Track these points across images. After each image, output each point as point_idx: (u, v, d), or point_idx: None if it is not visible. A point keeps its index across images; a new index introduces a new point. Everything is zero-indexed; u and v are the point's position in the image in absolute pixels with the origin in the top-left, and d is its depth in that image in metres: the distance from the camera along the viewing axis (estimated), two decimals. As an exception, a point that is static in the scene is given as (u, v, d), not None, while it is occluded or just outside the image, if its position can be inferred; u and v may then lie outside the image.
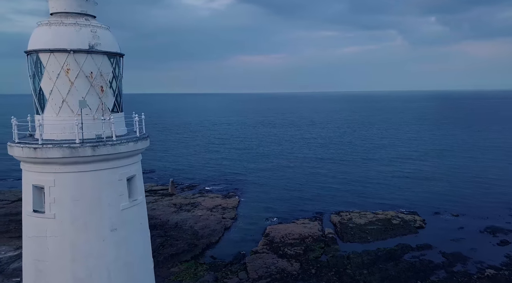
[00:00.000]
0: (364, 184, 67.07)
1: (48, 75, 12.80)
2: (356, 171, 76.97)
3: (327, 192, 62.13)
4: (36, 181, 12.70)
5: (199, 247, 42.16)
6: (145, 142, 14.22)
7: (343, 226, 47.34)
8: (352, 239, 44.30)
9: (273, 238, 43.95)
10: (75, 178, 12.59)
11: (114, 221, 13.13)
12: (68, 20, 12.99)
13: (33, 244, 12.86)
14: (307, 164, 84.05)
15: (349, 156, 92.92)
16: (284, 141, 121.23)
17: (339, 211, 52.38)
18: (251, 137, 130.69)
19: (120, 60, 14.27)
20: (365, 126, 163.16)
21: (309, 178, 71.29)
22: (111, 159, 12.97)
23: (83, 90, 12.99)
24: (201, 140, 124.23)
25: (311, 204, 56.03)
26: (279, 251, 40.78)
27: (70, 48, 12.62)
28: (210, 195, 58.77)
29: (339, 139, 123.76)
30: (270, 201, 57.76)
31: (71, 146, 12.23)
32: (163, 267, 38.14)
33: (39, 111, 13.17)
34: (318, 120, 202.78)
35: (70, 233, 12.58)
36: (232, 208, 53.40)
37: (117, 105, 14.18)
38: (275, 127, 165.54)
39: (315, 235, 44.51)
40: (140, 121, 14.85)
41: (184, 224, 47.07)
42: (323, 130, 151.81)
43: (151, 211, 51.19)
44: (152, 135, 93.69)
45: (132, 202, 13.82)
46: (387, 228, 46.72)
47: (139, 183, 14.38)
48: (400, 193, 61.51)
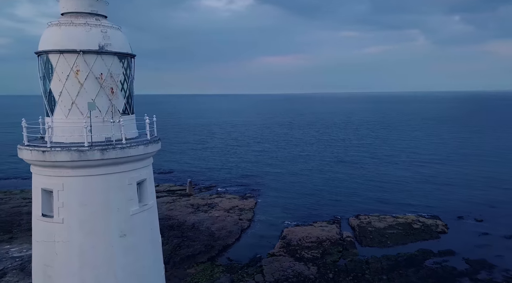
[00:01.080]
0: (384, 187, 65.38)
1: (58, 77, 12.48)
2: (376, 173, 75.18)
3: (345, 195, 60.77)
4: (45, 184, 12.40)
5: (216, 248, 41.76)
6: (156, 145, 13.75)
7: (362, 229, 46.12)
8: (371, 244, 43.04)
9: (290, 240, 43.15)
10: (84, 182, 12.22)
11: (123, 226, 12.70)
12: (78, 20, 12.64)
13: (42, 249, 12.56)
14: (325, 166, 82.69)
15: (369, 158, 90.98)
16: (302, 142, 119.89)
17: (357, 214, 51.10)
18: (269, 138, 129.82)
19: (131, 61, 13.86)
20: (385, 128, 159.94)
21: (327, 181, 70.00)
22: (121, 162, 12.54)
23: (92, 91, 12.62)
24: (218, 141, 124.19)
25: (329, 207, 54.85)
26: (296, 254, 39.96)
27: (80, 49, 12.26)
28: (227, 196, 58.38)
29: (358, 141, 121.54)
30: (287, 203, 56.88)
31: (80, 150, 11.86)
32: (179, 268, 37.91)
33: (49, 113, 12.88)
34: (337, 121, 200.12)
35: (78, 238, 12.22)
36: (249, 209, 52.82)
37: (128, 107, 13.76)
38: (293, 128, 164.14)
39: (333, 239, 43.47)
40: (151, 123, 14.37)
41: (201, 225, 46.78)
42: (342, 131, 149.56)
43: (169, 211, 51.20)
44: (171, 135, 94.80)
45: (142, 207, 13.38)
46: (407, 232, 45.24)
47: (150, 188, 13.92)
48: (421, 197, 59.62)
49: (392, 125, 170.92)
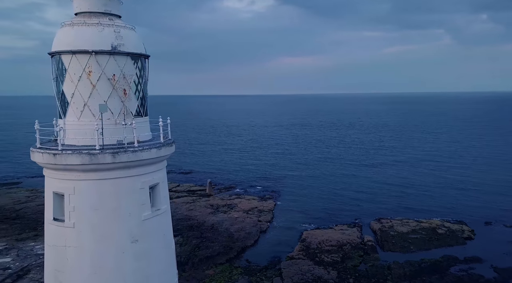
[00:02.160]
0: (407, 190, 63.37)
1: (70, 78, 12.14)
2: (398, 176, 73.04)
3: (366, 198, 59.16)
4: (57, 188, 12.07)
5: (234, 250, 41.28)
6: (169, 148, 13.24)
7: (384, 234, 44.68)
8: (394, 248, 41.61)
9: (309, 243, 42.22)
10: (95, 186, 11.82)
11: (135, 232, 12.24)
12: (91, 20, 12.27)
13: (53, 254, 12.24)
14: (345, 168, 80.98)
15: (390, 161, 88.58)
16: (322, 144, 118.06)
17: (379, 218, 49.57)
18: (288, 140, 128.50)
19: (145, 61, 13.41)
20: (408, 130, 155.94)
21: (348, 183, 68.41)
22: (133, 166, 12.09)
23: (105, 93, 12.21)
24: (238, 142, 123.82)
25: (350, 210, 53.49)
26: (316, 258, 39.02)
27: (92, 49, 11.88)
28: (246, 197, 57.79)
29: (379, 143, 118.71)
30: (307, 205, 55.81)
31: (91, 153, 11.46)
32: (198, 269, 37.61)
33: (61, 115, 12.56)
34: (358, 122, 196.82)
35: (89, 244, 11.83)
36: (268, 211, 52.08)
37: (141, 109, 13.31)
38: (312, 129, 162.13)
39: (353, 243, 42.27)
40: (165, 125, 13.87)
41: (220, 226, 46.38)
42: (363, 133, 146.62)
43: (189, 211, 51.06)
44: (191, 136, 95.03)
45: (155, 212, 12.89)
46: (431, 237, 43.53)
47: (163, 192, 13.42)
48: (445, 201, 57.39)
49: (415, 127, 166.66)
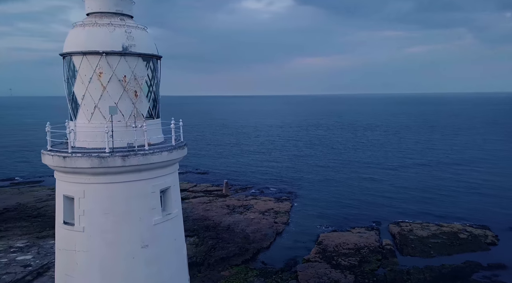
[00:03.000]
0: (426, 193, 61.60)
1: (81, 79, 11.89)
2: (418, 179, 71.15)
3: (385, 201, 57.74)
4: (67, 191, 11.84)
5: (250, 251, 40.84)
6: (181, 151, 12.84)
7: (403, 237, 43.45)
8: (413, 253, 40.37)
9: (326, 246, 41.42)
10: (105, 190, 11.53)
11: (145, 237, 11.90)
12: (102, 21, 11.98)
13: (64, 258, 12.02)
14: (363, 169, 79.39)
15: (410, 162, 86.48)
16: (339, 145, 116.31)
17: (398, 221, 48.29)
18: (305, 140, 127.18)
19: (157, 62, 13.06)
20: (428, 131, 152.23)
21: (366, 185, 66.98)
22: (143, 169, 11.74)
23: (115, 95, 11.91)
24: (255, 142, 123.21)
25: (367, 213, 52.26)
26: (332, 261, 38.21)
27: (103, 50, 11.59)
28: (262, 198, 57.27)
29: (398, 144, 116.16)
30: (324, 207, 54.86)
31: (100, 156, 11.17)
32: (213, 270, 37.35)
33: (72, 117, 12.34)
34: (377, 123, 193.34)
35: (99, 248, 11.54)
36: (285, 212, 51.43)
37: (153, 111, 12.97)
38: (330, 130, 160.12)
39: (371, 246, 41.25)
40: (177, 128, 13.49)
41: (236, 227, 46.04)
42: (382, 134, 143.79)
43: (205, 212, 50.93)
44: (208, 136, 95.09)
45: (166, 217, 12.51)
46: (453, 242, 42.07)
47: (174, 196, 13.04)
48: (467, 205, 55.48)
49: (436, 128, 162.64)
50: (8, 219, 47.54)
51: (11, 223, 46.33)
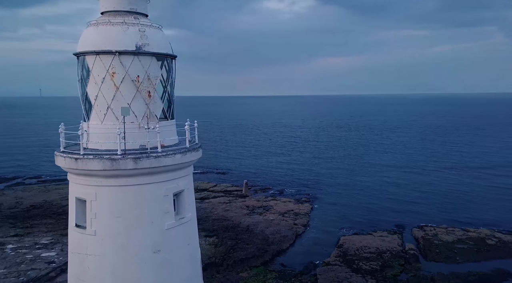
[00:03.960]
0: (452, 197, 59.28)
1: (94, 79, 11.57)
2: (442, 181, 68.67)
3: (408, 204, 55.85)
4: (79, 193, 11.55)
5: (269, 253, 40.24)
6: (195, 154, 12.35)
7: (427, 242, 41.86)
8: (438, 258, 38.78)
9: (347, 249, 40.34)
10: (117, 193, 11.17)
11: (157, 241, 11.47)
12: (116, 19, 11.62)
13: (76, 261, 11.74)
14: (386, 171, 77.28)
15: (434, 165, 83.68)
16: (361, 146, 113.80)
17: (422, 225, 46.57)
18: (326, 141, 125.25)
19: (171, 62, 12.63)
20: (454, 133, 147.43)
21: (388, 187, 65.07)
22: (156, 172, 11.32)
23: (128, 95, 11.54)
24: (275, 143, 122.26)
25: (390, 216, 50.63)
26: (353, 265, 37.12)
27: (116, 50, 11.23)
28: (282, 199, 56.46)
29: (422, 145, 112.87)
30: (345, 209, 53.57)
31: (112, 158, 10.81)
32: (232, 271, 36.97)
33: (85, 118, 12.05)
34: (400, 124, 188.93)
35: (110, 252, 11.19)
36: (305, 214, 50.50)
37: (167, 112, 12.55)
38: (351, 131, 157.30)
39: (394, 250, 39.90)
40: (191, 129, 13.00)
41: (255, 228, 45.50)
42: (405, 135, 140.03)
43: (225, 212, 50.63)
44: (228, 136, 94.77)
45: (179, 221, 12.05)
46: (480, 248, 40.20)
47: (188, 199, 12.56)
48: (496, 209, 52.99)
49: (463, 130, 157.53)
50: (34, 216, 48.56)
51: (37, 220, 47.27)
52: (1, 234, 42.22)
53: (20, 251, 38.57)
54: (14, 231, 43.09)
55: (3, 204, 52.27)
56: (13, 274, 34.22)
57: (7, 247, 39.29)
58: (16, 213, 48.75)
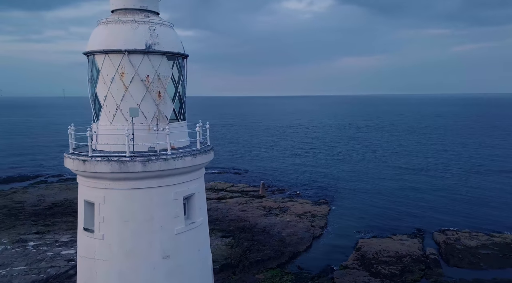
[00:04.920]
0: (475, 200, 57.11)
1: (103, 79, 11.20)
2: (465, 184, 66.29)
3: (429, 207, 54.05)
4: (87, 196, 11.20)
5: (286, 255, 39.55)
6: (206, 156, 11.82)
7: (449, 247, 40.32)
8: (460, 264, 37.27)
9: (365, 253, 39.24)
10: (125, 196, 10.76)
11: (167, 247, 11.02)
12: (126, 18, 11.22)
13: (84, 265, 11.40)
14: (405, 174, 75.20)
15: (456, 166, 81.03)
16: (379, 147, 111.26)
17: (444, 229, 44.91)
18: (345, 142, 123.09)
19: (183, 62, 12.16)
20: (476, 134, 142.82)
21: (408, 190, 63.16)
22: (165, 175, 10.85)
23: (138, 96, 11.12)
24: (293, 143, 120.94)
25: (410, 219, 49.10)
26: (372, 269, 36.05)
27: (125, 49, 10.83)
28: (299, 201, 55.58)
29: (443, 147, 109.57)
30: (363, 212, 52.21)
31: (120, 160, 10.40)
32: (248, 273, 36.48)
33: (95, 119, 11.71)
34: (420, 125, 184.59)
35: (118, 258, 10.79)
36: (322, 216, 49.51)
37: (178, 113, 12.08)
38: (371, 132, 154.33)
39: (414, 255, 38.58)
40: (203, 131, 12.49)
41: (272, 229, 44.87)
42: (425, 136, 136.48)
43: (241, 212, 50.19)
44: (245, 136, 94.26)
45: (189, 225, 11.56)
46: (505, 254, 38.42)
47: (199, 203, 12.05)
48: (522, 213, 50.93)
49: (486, 131, 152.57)
50: (55, 213, 49.25)
51: (58, 217, 47.92)
52: (24, 231, 42.93)
53: (41, 248, 39.07)
54: (36, 229, 43.74)
55: (26, 201, 53.29)
56: (34, 271, 34.62)
57: (29, 244, 39.88)
58: (38, 211, 49.56)
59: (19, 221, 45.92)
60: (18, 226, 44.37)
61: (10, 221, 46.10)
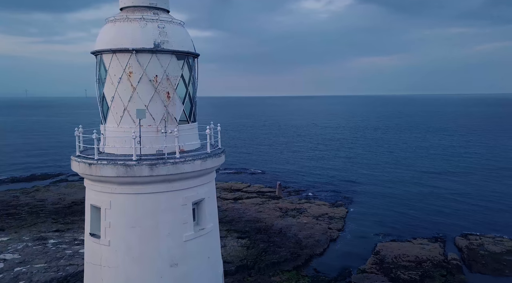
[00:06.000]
0: (500, 204, 54.72)
1: (110, 80, 10.72)
2: (488, 188, 63.68)
3: (450, 210, 52.07)
4: (94, 200, 10.75)
5: (302, 257, 38.70)
6: (217, 160, 11.20)
7: (472, 252, 38.64)
8: (484, 270, 35.63)
9: (384, 257, 38.00)
10: (132, 201, 10.24)
11: (175, 254, 10.45)
12: (134, 15, 10.71)
13: (90, 272, 10.96)
14: (425, 175, 72.83)
15: (479, 169, 78.11)
16: (398, 148, 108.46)
17: (466, 234, 43.16)
18: (362, 143, 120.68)
19: (193, 61, 11.57)
20: (498, 135, 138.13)
21: (428, 192, 61.10)
22: (173, 180, 10.29)
23: (146, 96, 10.59)
24: (310, 144, 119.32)
25: (431, 222, 47.34)
26: (391, 274, 34.83)
27: (132, 48, 10.31)
28: (316, 202, 54.46)
29: (464, 149, 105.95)
30: (382, 214, 50.74)
31: (126, 164, 9.88)
32: (264, 275, 35.83)
33: (102, 120, 11.25)
34: (440, 125, 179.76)
35: (124, 265, 10.29)
36: (340, 218, 48.34)
37: (188, 114, 11.50)
38: (389, 133, 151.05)
39: (435, 260, 37.12)
40: (215, 133, 11.87)
41: (288, 231, 44.05)
42: (445, 137, 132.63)
43: (258, 213, 49.55)
44: (261, 137, 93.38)
45: (199, 232, 10.97)
46: (532, 261, 36.59)
47: (209, 209, 11.44)
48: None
49: (507, 131, 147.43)
50: (75, 212, 49.74)
51: (77, 216, 48.36)
52: (44, 229, 43.42)
53: (60, 246, 39.38)
54: (56, 227, 44.22)
55: (47, 199, 54.06)
56: (53, 268, 34.83)
57: (49, 241, 40.26)
58: (59, 209, 50.16)
59: (40, 219, 46.54)
60: (39, 224, 44.95)
61: (32, 218, 46.78)
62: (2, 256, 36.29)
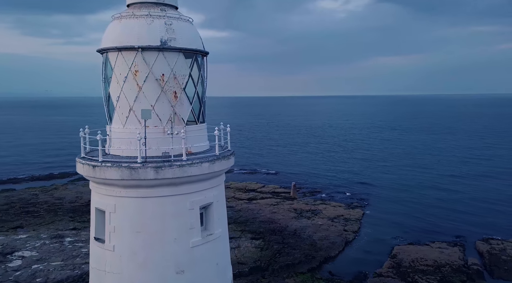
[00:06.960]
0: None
1: (116, 79, 10.28)
2: (510, 191, 61.51)
3: (471, 213, 50.28)
4: (99, 204, 10.34)
5: (317, 259, 37.89)
6: (226, 162, 10.63)
7: (494, 257, 37.11)
8: (507, 276, 34.13)
9: (401, 260, 36.86)
10: (137, 205, 9.78)
11: (181, 261, 9.94)
12: (140, 12, 10.24)
13: (95, 277, 10.58)
14: (444, 178, 70.64)
15: (499, 171, 75.33)
16: (415, 150, 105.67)
17: (487, 238, 41.51)
18: (379, 144, 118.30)
19: (202, 59, 11.05)
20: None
21: (447, 195, 59.19)
22: (180, 183, 9.77)
23: (152, 96, 10.11)
24: (326, 145, 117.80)
25: (450, 226, 45.72)
26: (408, 278, 33.71)
27: (138, 45, 9.85)
28: (332, 204, 53.41)
29: (484, 151, 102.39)
30: (399, 217, 49.35)
31: (131, 167, 9.42)
32: (278, 276, 35.20)
33: (108, 121, 10.84)
34: (459, 126, 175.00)
35: (129, 271, 9.83)
36: (356, 220, 47.24)
37: (196, 115, 10.98)
38: (406, 133, 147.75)
39: (454, 264, 35.77)
40: (224, 135, 11.32)
41: (303, 232, 43.27)
42: (464, 138, 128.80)
43: (272, 214, 48.92)
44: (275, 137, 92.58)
45: (207, 238, 10.43)
46: (558, 268, 34.88)
47: (218, 213, 10.89)
48: None
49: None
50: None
51: (93, 214, 48.79)
52: (61, 227, 43.82)
53: (77, 244, 39.59)
54: (73, 225, 44.56)
55: (65, 198, 54.66)
56: (69, 266, 34.99)
57: (66, 239, 40.55)
58: (76, 207, 50.61)
59: (57, 217, 47.04)
60: (56, 222, 45.42)
61: (50, 216, 47.32)
62: (21, 253, 36.70)
